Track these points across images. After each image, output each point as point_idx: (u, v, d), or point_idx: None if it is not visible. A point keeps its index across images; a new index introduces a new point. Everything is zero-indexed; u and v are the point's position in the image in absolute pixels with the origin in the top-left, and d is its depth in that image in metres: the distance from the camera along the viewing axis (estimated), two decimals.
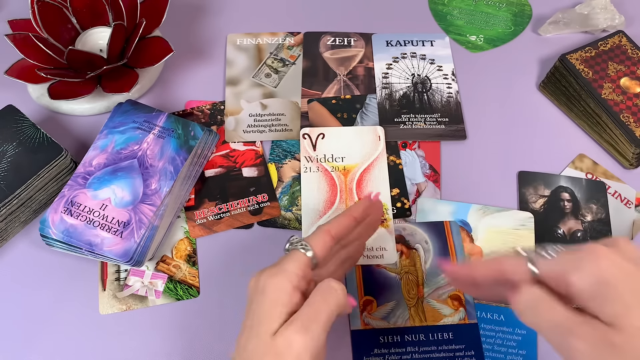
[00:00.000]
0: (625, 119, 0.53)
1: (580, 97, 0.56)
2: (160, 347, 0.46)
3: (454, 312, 0.48)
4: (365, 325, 0.47)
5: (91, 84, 0.54)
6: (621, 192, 0.54)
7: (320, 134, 0.56)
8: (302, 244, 0.37)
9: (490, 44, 0.65)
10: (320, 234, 0.38)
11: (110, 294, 0.48)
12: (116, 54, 0.55)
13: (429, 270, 0.49)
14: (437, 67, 0.62)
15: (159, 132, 0.51)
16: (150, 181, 0.48)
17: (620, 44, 0.59)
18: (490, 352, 0.46)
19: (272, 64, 0.62)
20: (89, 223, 0.46)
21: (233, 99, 0.59)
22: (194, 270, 0.49)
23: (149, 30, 0.57)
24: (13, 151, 0.49)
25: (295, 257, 0.36)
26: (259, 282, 0.35)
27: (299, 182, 0.54)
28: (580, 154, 0.56)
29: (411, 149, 0.56)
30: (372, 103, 0.59)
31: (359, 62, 0.62)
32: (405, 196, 0.53)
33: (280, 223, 0.52)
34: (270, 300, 0.33)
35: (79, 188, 0.48)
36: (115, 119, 0.52)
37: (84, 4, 0.57)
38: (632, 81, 0.56)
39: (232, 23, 0.65)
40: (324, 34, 0.64)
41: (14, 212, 0.48)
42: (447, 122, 0.58)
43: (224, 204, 0.52)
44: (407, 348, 0.46)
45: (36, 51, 0.54)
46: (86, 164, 0.49)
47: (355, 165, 0.54)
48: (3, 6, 0.66)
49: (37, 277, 0.49)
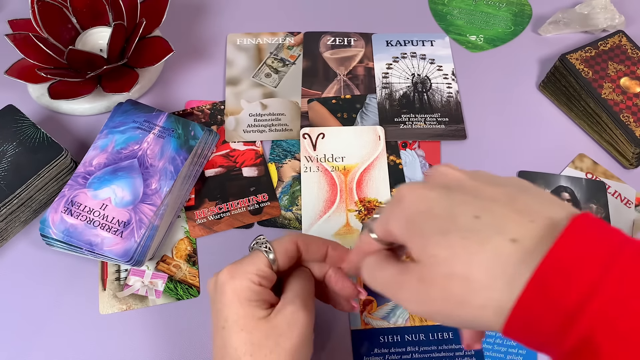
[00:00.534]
0: (625, 118, 0.54)
1: (580, 97, 0.56)
2: (160, 347, 0.46)
3: None
4: (365, 325, 0.47)
5: (91, 84, 0.54)
6: (621, 192, 0.54)
7: (320, 133, 0.56)
8: (265, 246, 0.37)
9: (490, 44, 0.65)
10: (287, 240, 0.38)
11: (111, 294, 0.48)
12: (116, 54, 0.55)
13: None
14: (437, 67, 0.62)
15: (159, 132, 0.51)
16: (151, 181, 0.48)
17: (620, 43, 0.59)
18: (490, 352, 0.46)
19: (272, 64, 0.62)
20: (89, 223, 0.46)
21: (233, 99, 0.59)
22: (194, 270, 0.49)
23: (149, 30, 0.57)
24: (13, 151, 0.49)
25: (256, 258, 0.37)
26: (218, 284, 0.36)
27: (299, 182, 0.54)
28: (580, 153, 0.56)
29: (411, 149, 0.56)
30: (372, 103, 0.59)
31: (359, 62, 0.62)
32: None
33: (281, 223, 0.52)
34: (233, 300, 0.35)
35: (79, 188, 0.48)
36: (115, 119, 0.52)
37: (84, 4, 0.57)
38: (632, 81, 0.56)
39: (232, 23, 0.65)
40: (324, 34, 0.64)
41: (14, 212, 0.48)
42: (447, 122, 0.58)
43: (224, 204, 0.52)
44: (407, 348, 0.46)
45: (36, 51, 0.54)
46: (86, 163, 0.49)
47: (355, 165, 0.54)
48: (3, 6, 0.66)
49: (37, 277, 0.49)
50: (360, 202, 0.52)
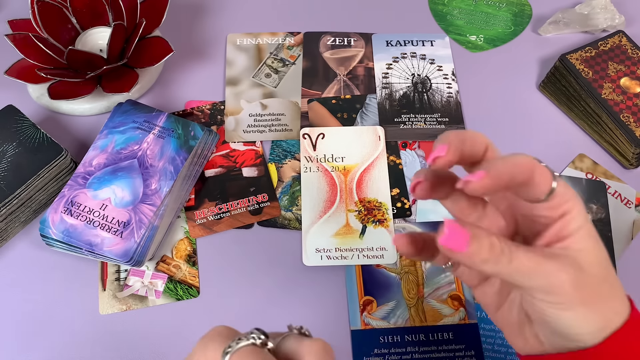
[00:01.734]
0: (625, 119, 0.53)
1: (580, 97, 0.56)
2: (160, 347, 0.46)
3: (454, 312, 0.48)
4: (365, 325, 0.47)
5: (91, 84, 0.54)
6: (621, 192, 0.54)
7: (320, 134, 0.56)
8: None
9: (490, 44, 0.65)
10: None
11: (110, 294, 0.48)
12: (116, 54, 0.55)
13: (429, 270, 0.49)
14: (437, 67, 0.62)
15: (159, 132, 0.51)
16: (150, 181, 0.48)
17: (620, 43, 0.59)
18: (490, 352, 0.46)
19: (272, 64, 0.62)
20: (89, 223, 0.46)
21: (233, 99, 0.59)
22: (194, 270, 0.49)
23: (149, 30, 0.57)
24: (13, 151, 0.49)
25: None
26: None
27: (299, 182, 0.54)
28: (580, 154, 0.56)
29: (411, 149, 0.56)
30: (372, 103, 0.59)
31: (359, 62, 0.62)
32: (406, 196, 0.53)
33: (281, 223, 0.52)
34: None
35: (79, 188, 0.48)
36: (115, 119, 0.52)
37: (84, 4, 0.57)
38: (632, 81, 0.56)
39: (232, 23, 0.65)
40: (324, 34, 0.64)
41: (14, 212, 0.48)
42: (447, 122, 0.58)
43: (224, 204, 0.52)
44: (407, 348, 0.46)
45: (36, 51, 0.54)
46: (86, 164, 0.49)
47: (355, 165, 0.54)
48: (3, 6, 0.66)
49: (37, 277, 0.49)
50: (360, 202, 0.52)
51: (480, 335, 0.47)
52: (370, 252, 0.50)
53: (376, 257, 0.50)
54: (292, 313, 0.48)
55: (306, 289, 0.49)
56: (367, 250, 0.50)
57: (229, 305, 0.48)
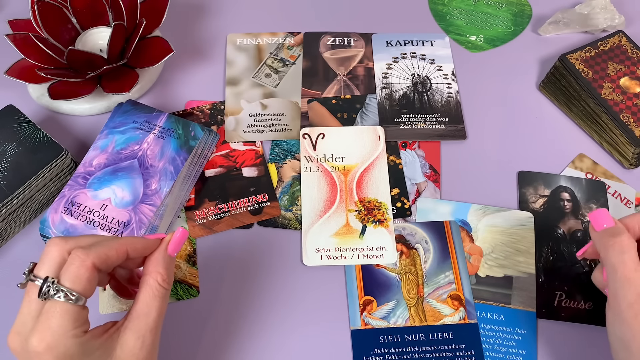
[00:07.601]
0: (625, 119, 0.54)
1: (580, 97, 0.56)
2: (160, 347, 0.46)
3: (454, 312, 0.48)
4: (365, 325, 0.47)
5: (91, 84, 0.54)
6: (621, 192, 0.54)
7: (320, 133, 0.56)
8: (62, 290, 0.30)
9: (490, 44, 0.65)
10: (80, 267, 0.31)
11: (111, 294, 0.48)
12: (116, 54, 0.55)
13: (429, 270, 0.49)
14: (437, 67, 0.62)
15: (159, 132, 0.51)
16: (151, 181, 0.48)
17: (620, 44, 0.59)
18: (490, 352, 0.46)
19: (272, 64, 0.62)
20: (89, 223, 0.46)
21: (233, 99, 0.59)
22: (194, 270, 0.49)
23: (149, 30, 0.57)
24: (13, 151, 0.49)
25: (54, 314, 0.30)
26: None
27: (299, 182, 0.54)
28: (580, 153, 0.56)
29: (411, 149, 0.56)
30: (372, 103, 0.59)
31: (359, 62, 0.62)
32: (405, 196, 0.53)
33: (281, 223, 0.52)
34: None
35: (79, 188, 0.48)
36: (115, 119, 0.52)
37: (84, 4, 0.57)
38: (632, 81, 0.56)
39: (232, 23, 0.65)
40: (324, 34, 0.64)
41: (14, 212, 0.48)
42: (447, 122, 0.58)
43: (224, 204, 0.52)
44: (407, 348, 0.46)
45: (36, 51, 0.54)
46: (86, 164, 0.49)
47: (355, 165, 0.54)
48: (3, 6, 0.66)
49: None
50: (360, 202, 0.52)
51: (480, 335, 0.47)
52: (370, 252, 0.50)
53: (376, 257, 0.50)
54: (292, 313, 0.48)
55: (306, 289, 0.49)
56: (367, 250, 0.50)
57: (229, 305, 0.48)
